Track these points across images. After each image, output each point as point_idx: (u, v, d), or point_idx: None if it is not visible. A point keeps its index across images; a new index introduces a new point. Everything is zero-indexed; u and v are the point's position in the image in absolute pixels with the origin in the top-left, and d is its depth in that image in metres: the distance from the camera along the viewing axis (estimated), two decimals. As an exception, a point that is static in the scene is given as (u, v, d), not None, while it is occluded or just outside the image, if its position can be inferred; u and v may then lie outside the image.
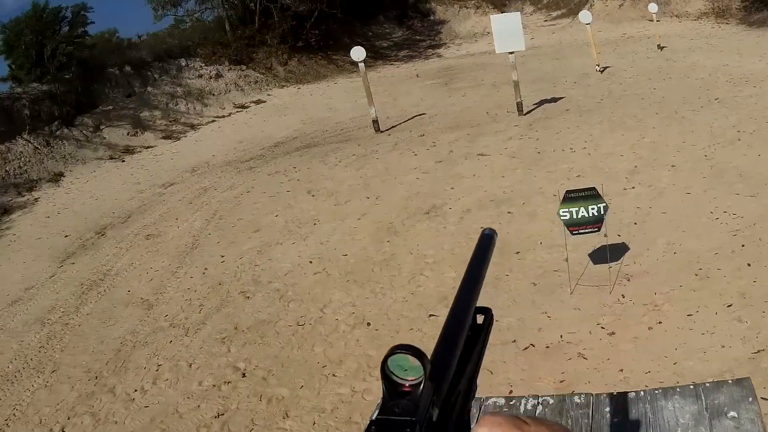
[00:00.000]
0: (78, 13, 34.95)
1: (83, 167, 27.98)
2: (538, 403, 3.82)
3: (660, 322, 8.31)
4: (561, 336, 8.26)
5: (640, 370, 7.27)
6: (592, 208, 8.78)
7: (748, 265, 9.51)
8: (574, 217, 8.89)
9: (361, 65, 22.94)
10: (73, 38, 33.88)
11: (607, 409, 3.56)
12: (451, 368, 1.11)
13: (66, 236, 19.56)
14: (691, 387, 3.58)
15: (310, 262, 13.06)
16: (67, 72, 31.65)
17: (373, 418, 0.98)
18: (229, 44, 38.53)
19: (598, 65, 26.01)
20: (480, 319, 1.33)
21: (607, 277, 9.08)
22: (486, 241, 1.57)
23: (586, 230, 8.92)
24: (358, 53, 22.34)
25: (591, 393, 3.77)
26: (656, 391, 3.68)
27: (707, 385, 3.65)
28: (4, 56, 34.34)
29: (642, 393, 3.70)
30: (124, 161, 28.44)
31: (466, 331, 1.22)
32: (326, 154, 21.49)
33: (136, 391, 10.02)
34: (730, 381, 3.61)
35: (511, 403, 3.90)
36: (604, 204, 8.81)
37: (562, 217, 8.96)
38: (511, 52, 20.29)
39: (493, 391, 7.29)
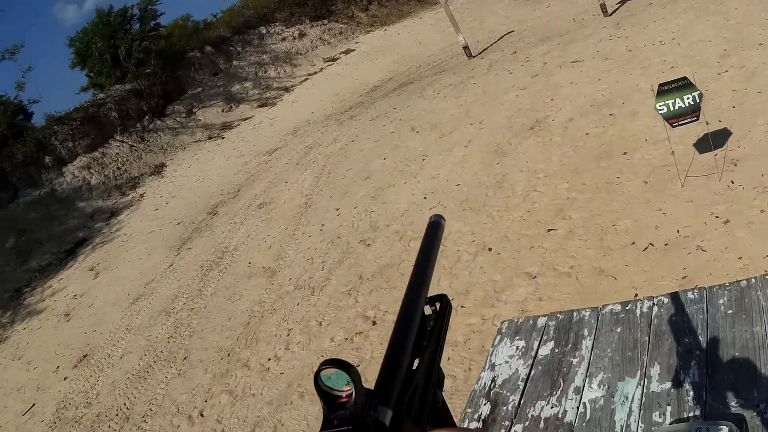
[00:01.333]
0: (146, 8, 35.50)
1: (183, 153, 28.55)
2: (654, 304, 3.87)
3: (771, 204, 8.16)
4: (678, 231, 8.09)
5: (759, 256, 7.00)
6: (687, 98, 8.59)
7: None
8: (672, 109, 8.71)
9: (441, -4, 22.74)
10: (146, 33, 34.40)
11: (721, 301, 3.59)
12: (399, 369, 1.13)
13: (178, 223, 19.97)
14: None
15: (425, 197, 12.96)
16: (147, 66, 32.13)
17: None
18: (305, 2, 38.40)
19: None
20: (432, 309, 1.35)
21: (714, 165, 8.93)
22: (433, 229, 1.54)
23: (686, 121, 8.72)
24: (436, -16, 22.22)
25: (704, 287, 3.78)
26: (767, 277, 3.70)
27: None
28: (79, 67, 35.01)
29: (753, 280, 3.69)
30: (223, 138, 28.84)
31: (415, 328, 1.24)
32: (423, 88, 21.32)
33: (270, 359, 10.12)
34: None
35: (627, 308, 3.99)
36: (698, 92, 8.61)
37: (659, 111, 8.78)
38: (584, -44, 19.93)
39: (619, 296, 7.17)
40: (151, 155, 28.30)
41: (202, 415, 9.69)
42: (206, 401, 9.97)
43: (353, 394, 1.00)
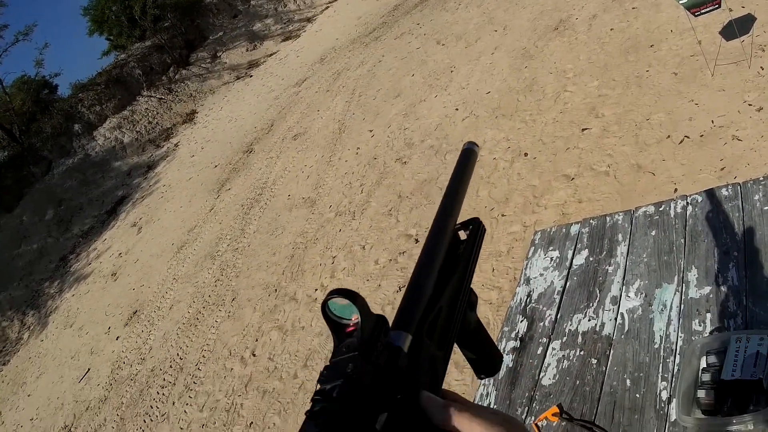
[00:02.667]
0: (155, -36, 35.35)
1: (213, 97, 28.55)
2: (688, 203, 3.76)
3: (804, 90, 7.95)
4: (712, 121, 7.90)
5: (796, 143, 7.00)
6: (706, -15, 8.46)
7: None
8: (691, -3, 8.59)
9: None
10: (159, -12, 34.34)
11: (756, 197, 3.45)
12: (422, 294, 1.11)
13: (215, 166, 19.97)
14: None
15: (456, 109, 12.79)
16: (165, 20, 32.31)
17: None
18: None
19: None
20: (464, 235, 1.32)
21: (742, 52, 8.73)
22: (466, 157, 1.43)
23: (708, 9, 8.51)
24: None
25: (738, 183, 3.67)
26: (801, 169, 3.57)
27: None
28: (97, 33, 35.62)
29: (790, 173, 3.59)
30: (251, 76, 28.72)
31: (442, 254, 1.20)
32: (445, 1, 21.01)
33: (316, 290, 10.13)
34: None
35: (660, 209, 3.86)
36: (716, -22, 8.48)
37: (679, 1, 8.68)
38: None
39: (658, 193, 7.03)
40: (181, 104, 28.43)
41: (254, 355, 9.76)
42: (257, 340, 10.04)
43: (360, 322, 0.98)
